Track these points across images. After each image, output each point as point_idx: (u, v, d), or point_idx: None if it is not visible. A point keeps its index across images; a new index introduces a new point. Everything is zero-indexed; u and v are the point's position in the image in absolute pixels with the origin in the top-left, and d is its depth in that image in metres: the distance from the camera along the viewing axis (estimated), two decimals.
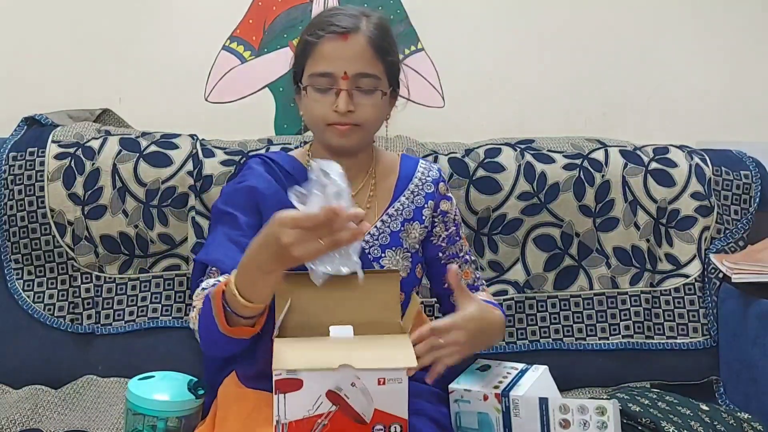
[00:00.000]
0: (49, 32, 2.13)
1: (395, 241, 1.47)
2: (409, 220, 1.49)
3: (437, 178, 1.55)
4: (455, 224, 1.56)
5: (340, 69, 1.38)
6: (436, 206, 1.53)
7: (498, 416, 1.38)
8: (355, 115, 1.39)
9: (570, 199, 1.89)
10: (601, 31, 2.20)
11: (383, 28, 1.43)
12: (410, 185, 1.52)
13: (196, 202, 1.82)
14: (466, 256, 1.56)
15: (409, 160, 1.57)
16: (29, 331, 1.80)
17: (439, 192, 1.54)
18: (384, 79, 1.42)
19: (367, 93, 1.40)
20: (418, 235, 1.50)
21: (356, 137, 1.42)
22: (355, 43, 1.39)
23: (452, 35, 2.19)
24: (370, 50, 1.39)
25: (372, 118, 1.42)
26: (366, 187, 1.50)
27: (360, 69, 1.39)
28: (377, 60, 1.40)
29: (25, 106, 1.98)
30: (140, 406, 1.43)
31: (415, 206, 1.51)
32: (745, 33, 2.22)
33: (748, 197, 1.94)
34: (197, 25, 2.15)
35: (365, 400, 1.21)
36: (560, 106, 2.22)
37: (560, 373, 1.54)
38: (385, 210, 1.49)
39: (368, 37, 1.39)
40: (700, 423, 1.50)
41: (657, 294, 1.90)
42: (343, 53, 1.38)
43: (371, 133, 1.48)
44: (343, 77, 1.38)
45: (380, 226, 1.48)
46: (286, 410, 1.20)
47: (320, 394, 1.20)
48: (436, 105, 2.21)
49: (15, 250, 1.83)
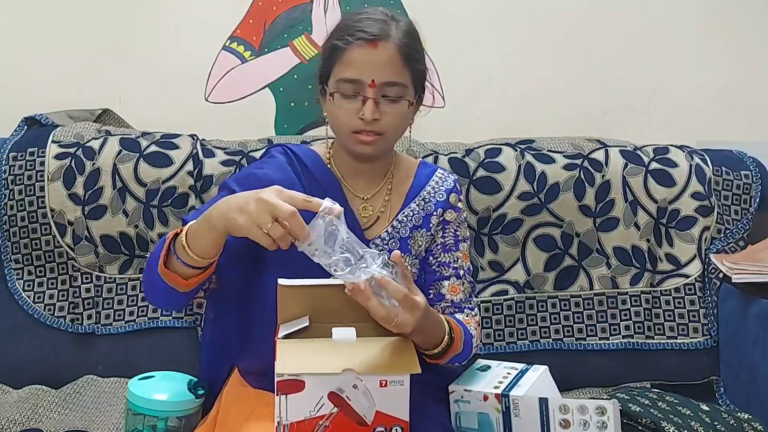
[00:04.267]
0: (50, 32, 2.12)
1: (404, 247, 1.47)
2: (418, 227, 1.49)
3: (450, 188, 1.53)
4: (455, 236, 1.53)
5: (367, 76, 1.36)
6: (442, 214, 1.51)
7: (498, 416, 1.38)
8: (380, 123, 1.38)
9: (570, 199, 1.88)
10: (601, 31, 2.20)
11: (412, 34, 1.41)
12: (422, 192, 1.51)
13: (197, 202, 1.82)
14: (460, 271, 1.51)
15: (427, 168, 1.56)
16: (29, 331, 1.80)
17: (450, 202, 1.52)
18: (410, 88, 1.40)
19: (394, 101, 1.38)
20: (424, 242, 1.49)
21: (379, 146, 1.41)
22: (384, 50, 1.36)
23: (452, 35, 2.19)
24: (399, 58, 1.37)
25: (396, 127, 1.41)
26: (382, 191, 1.50)
27: (388, 77, 1.37)
28: (405, 68, 1.38)
29: (25, 106, 1.98)
30: (140, 406, 1.43)
31: (424, 213, 1.50)
32: (745, 33, 2.22)
33: (748, 197, 1.94)
34: (197, 25, 2.15)
35: (367, 402, 1.21)
36: (560, 106, 2.22)
37: (560, 373, 1.54)
38: (395, 216, 1.49)
39: (397, 44, 1.36)
40: (701, 423, 1.50)
41: (657, 294, 1.90)
42: (371, 60, 1.36)
43: (394, 141, 1.47)
44: (371, 85, 1.36)
45: (390, 231, 1.47)
46: (288, 411, 1.20)
47: (322, 395, 1.20)
48: (436, 105, 2.21)
49: (15, 250, 1.83)
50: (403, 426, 1.22)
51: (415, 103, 1.44)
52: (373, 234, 1.47)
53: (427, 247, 1.51)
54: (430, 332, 1.33)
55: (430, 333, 1.33)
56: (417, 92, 1.43)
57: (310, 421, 1.21)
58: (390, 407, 1.22)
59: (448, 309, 1.49)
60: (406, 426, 1.22)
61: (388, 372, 1.21)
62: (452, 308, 1.49)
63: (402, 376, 1.21)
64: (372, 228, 1.47)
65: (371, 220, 1.48)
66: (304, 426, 1.20)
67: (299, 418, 1.20)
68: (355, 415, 1.21)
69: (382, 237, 1.46)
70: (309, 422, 1.20)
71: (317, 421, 1.21)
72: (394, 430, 1.23)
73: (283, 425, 1.20)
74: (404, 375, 1.21)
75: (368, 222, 1.47)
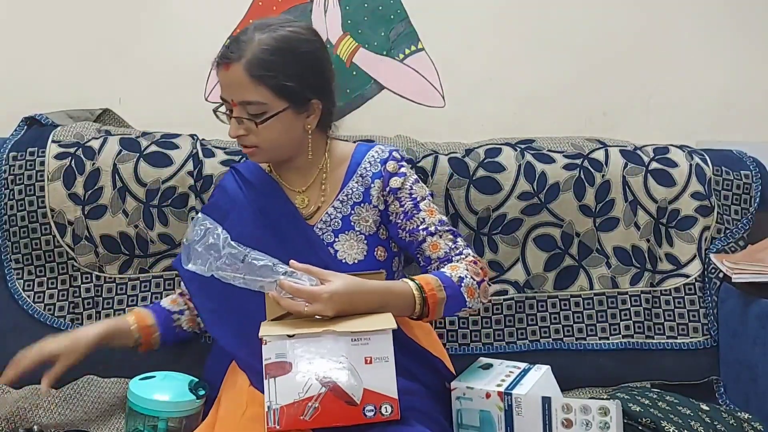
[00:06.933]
0: (50, 32, 2.13)
1: (346, 225, 1.53)
2: (359, 203, 1.54)
3: (385, 158, 1.56)
4: (412, 199, 1.55)
5: (228, 96, 1.45)
6: (385, 184, 1.55)
7: (500, 414, 1.38)
8: (248, 138, 1.46)
9: (570, 199, 1.89)
10: (601, 31, 2.21)
11: (273, 49, 1.42)
12: (359, 169, 1.56)
13: (197, 202, 1.82)
14: (431, 228, 1.52)
15: (362, 147, 1.60)
16: (29, 331, 1.79)
17: (387, 170, 1.55)
18: (272, 102, 1.43)
19: (256, 117, 1.44)
20: (370, 217, 1.54)
21: (262, 156, 1.51)
22: (233, 72, 1.42)
23: (452, 35, 2.19)
24: (247, 78, 1.41)
25: (269, 139, 1.46)
26: (317, 182, 1.56)
27: (242, 97, 1.43)
28: (258, 85, 1.42)
29: (25, 106, 1.98)
30: (141, 406, 1.43)
31: (363, 188, 1.55)
32: (745, 33, 2.22)
33: (748, 197, 1.95)
34: (197, 25, 2.15)
35: (354, 380, 1.22)
36: (560, 106, 2.22)
37: (560, 372, 1.54)
38: (336, 197, 1.54)
39: (246, 66, 1.41)
40: (701, 423, 1.50)
41: (657, 294, 1.90)
42: (224, 82, 1.45)
43: (281, 149, 1.51)
44: (233, 104, 1.44)
45: (331, 212, 1.53)
46: (277, 395, 1.21)
47: (309, 376, 1.21)
48: (436, 105, 2.21)
49: (15, 250, 1.82)
50: (393, 404, 1.23)
51: (297, 111, 1.46)
52: (315, 221, 1.53)
53: (381, 221, 1.55)
54: (392, 303, 1.36)
55: (393, 305, 1.36)
56: (290, 102, 1.44)
57: (300, 403, 1.21)
58: (377, 385, 1.23)
59: (439, 266, 1.50)
60: (396, 403, 1.23)
61: (367, 328, 1.25)
62: (441, 263, 1.51)
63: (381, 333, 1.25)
64: (314, 216, 1.54)
65: (311, 210, 1.55)
66: (293, 409, 1.21)
67: (288, 401, 1.21)
68: (343, 394, 1.22)
69: (324, 220, 1.53)
70: (299, 404, 1.21)
71: (306, 402, 1.21)
72: (384, 408, 1.23)
73: (273, 410, 1.20)
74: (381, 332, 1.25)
75: (308, 211, 1.54)
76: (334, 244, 1.51)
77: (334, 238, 1.52)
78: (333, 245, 1.51)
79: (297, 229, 1.52)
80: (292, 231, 1.51)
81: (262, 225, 1.51)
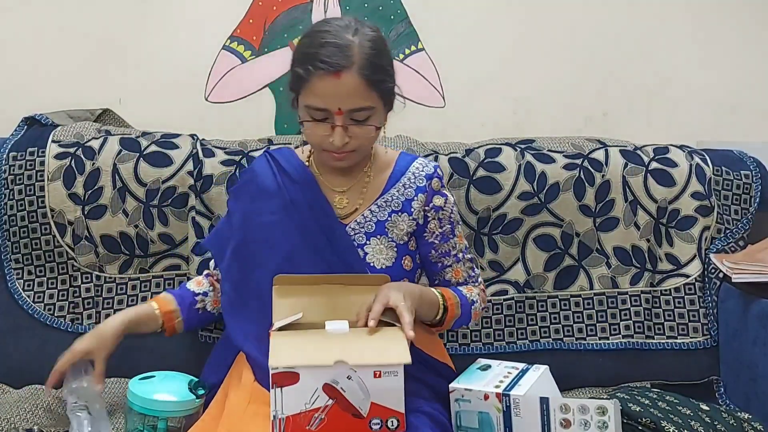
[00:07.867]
0: (50, 32, 2.13)
1: (380, 229, 1.51)
2: (397, 212, 1.52)
3: (431, 174, 1.55)
4: (450, 222, 1.56)
5: (333, 105, 1.37)
6: (428, 201, 1.54)
7: (499, 415, 1.38)
8: (351, 143, 1.42)
9: (570, 199, 1.89)
10: (601, 31, 2.21)
11: (376, 51, 1.39)
12: (403, 178, 1.54)
13: (197, 201, 1.82)
14: (459, 254, 1.58)
15: (406, 157, 1.59)
16: (29, 331, 1.80)
17: (432, 187, 1.54)
18: (379, 106, 1.42)
19: (363, 122, 1.41)
20: (406, 227, 1.52)
21: (352, 159, 1.48)
22: (348, 79, 1.35)
23: (452, 35, 2.19)
24: (364, 84, 1.37)
25: (367, 143, 1.46)
26: (360, 183, 1.54)
27: (354, 105, 1.38)
28: (372, 91, 1.39)
29: (25, 106, 1.98)
30: (141, 406, 1.43)
31: (404, 198, 1.53)
32: (745, 33, 2.22)
33: (748, 197, 1.94)
34: (197, 25, 2.15)
35: (362, 393, 1.22)
36: (560, 106, 2.22)
37: (560, 373, 1.54)
38: (374, 201, 1.52)
39: (361, 70, 1.36)
40: (701, 423, 1.50)
41: (657, 294, 1.90)
42: (335, 91, 1.36)
43: (367, 151, 1.52)
44: (337, 113, 1.38)
45: (367, 215, 1.51)
46: (283, 404, 1.20)
47: (317, 387, 1.21)
48: (436, 105, 2.21)
49: (15, 250, 1.83)
50: (399, 418, 1.23)
51: (391, 107, 1.47)
52: (349, 221, 1.51)
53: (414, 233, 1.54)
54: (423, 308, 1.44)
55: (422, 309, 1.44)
56: (388, 103, 1.45)
57: (306, 414, 1.20)
58: (385, 399, 1.23)
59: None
60: (402, 418, 1.23)
61: (379, 362, 1.22)
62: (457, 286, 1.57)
63: (394, 367, 1.22)
64: (349, 217, 1.52)
65: (348, 210, 1.52)
66: (299, 419, 1.20)
67: (295, 411, 1.20)
68: (350, 407, 1.21)
69: (358, 221, 1.51)
70: (305, 415, 1.20)
71: (313, 413, 1.21)
72: (390, 422, 1.23)
73: (279, 419, 1.20)
74: (396, 366, 1.22)
75: (345, 212, 1.52)
76: (365, 247, 1.49)
77: (366, 241, 1.49)
78: (363, 247, 1.49)
79: (329, 226, 1.49)
80: (319, 227, 1.48)
81: (288, 216, 1.49)
